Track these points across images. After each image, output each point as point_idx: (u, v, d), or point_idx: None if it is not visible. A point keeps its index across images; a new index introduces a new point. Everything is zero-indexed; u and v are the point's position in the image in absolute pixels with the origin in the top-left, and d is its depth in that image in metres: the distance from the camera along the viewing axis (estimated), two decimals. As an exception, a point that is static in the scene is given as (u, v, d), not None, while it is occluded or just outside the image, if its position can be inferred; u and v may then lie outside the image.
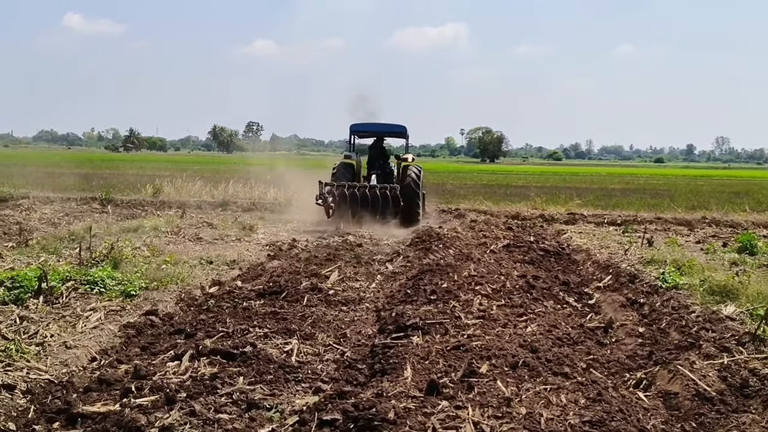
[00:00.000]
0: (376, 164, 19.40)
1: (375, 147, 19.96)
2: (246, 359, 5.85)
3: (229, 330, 6.75)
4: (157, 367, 5.67)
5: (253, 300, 8.23)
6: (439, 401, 4.54)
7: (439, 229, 15.31)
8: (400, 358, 5.63)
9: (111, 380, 5.33)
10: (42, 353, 5.94)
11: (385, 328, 7.01)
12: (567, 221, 19.89)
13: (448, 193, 28.87)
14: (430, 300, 7.79)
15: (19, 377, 5.33)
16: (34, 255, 10.62)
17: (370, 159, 19.67)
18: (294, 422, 4.51)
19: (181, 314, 7.65)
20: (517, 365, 5.31)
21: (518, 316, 7.15)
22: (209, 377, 5.37)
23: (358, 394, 4.91)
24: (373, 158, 19.62)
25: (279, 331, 6.79)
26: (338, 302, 8.37)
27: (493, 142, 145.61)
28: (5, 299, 7.52)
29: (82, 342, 6.40)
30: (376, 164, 19.40)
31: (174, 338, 6.62)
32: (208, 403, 4.83)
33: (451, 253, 11.43)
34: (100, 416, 4.55)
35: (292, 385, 5.46)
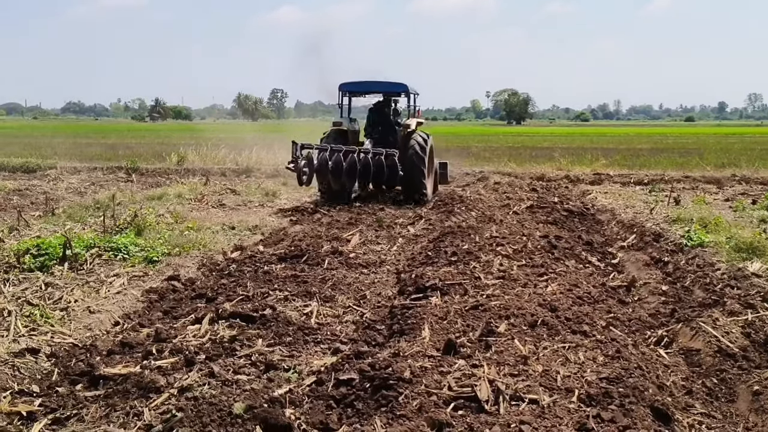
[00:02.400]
0: (375, 130, 16.05)
1: (377, 110, 16.46)
2: (265, 322, 5.89)
3: (250, 294, 6.80)
4: (177, 330, 5.73)
5: (274, 264, 8.27)
6: (455, 360, 4.53)
7: (462, 192, 15.23)
8: (418, 318, 5.62)
9: (133, 343, 5.40)
10: (66, 318, 6.04)
11: (404, 289, 7.01)
12: (592, 182, 19.66)
13: (473, 155, 28.66)
14: (451, 261, 7.76)
15: (44, 341, 5.42)
16: (60, 223, 10.76)
17: (367, 125, 16.38)
18: (311, 382, 4.54)
19: (202, 279, 7.72)
20: (535, 324, 5.27)
21: (539, 276, 7.09)
22: (228, 340, 5.42)
23: (376, 354, 4.92)
24: (372, 123, 16.27)
25: (299, 294, 6.82)
26: (359, 265, 8.37)
27: (519, 104, 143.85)
28: (31, 266, 7.64)
29: (105, 307, 6.49)
30: (375, 130, 16.05)
31: (195, 302, 6.68)
32: (227, 365, 4.88)
33: (473, 215, 11.37)
34: (121, 378, 4.62)
35: (310, 346, 5.49)
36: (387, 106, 16.48)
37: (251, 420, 3.95)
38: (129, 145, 34.53)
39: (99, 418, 4.07)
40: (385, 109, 16.44)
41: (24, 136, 44.99)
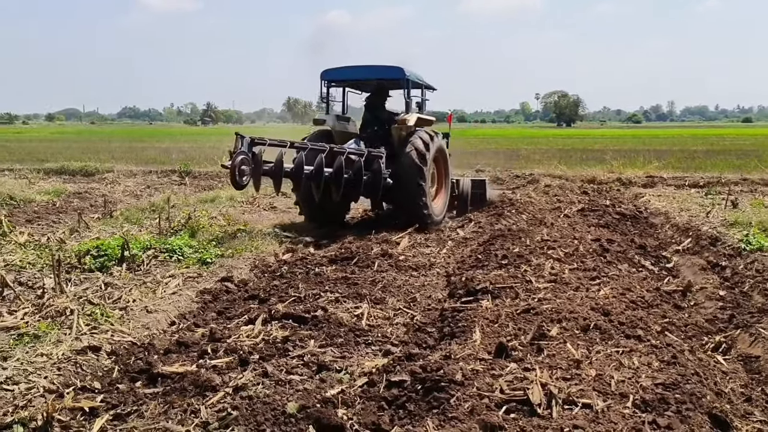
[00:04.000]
0: (366, 131, 12.50)
1: (370, 105, 12.77)
2: (317, 323, 5.96)
3: (301, 295, 6.89)
4: (231, 330, 5.85)
5: (325, 266, 8.36)
6: (507, 363, 4.51)
7: (512, 195, 15.10)
8: (469, 321, 5.61)
9: (188, 343, 5.53)
10: (125, 317, 6.21)
11: (455, 292, 7.01)
12: (645, 184, 19.29)
13: (522, 158, 28.38)
14: (501, 264, 7.72)
15: (104, 339, 5.59)
16: (117, 225, 11.07)
17: (361, 125, 12.92)
18: (363, 383, 4.58)
19: (255, 280, 7.85)
20: (588, 328, 5.21)
21: (591, 279, 7.00)
22: (281, 340, 5.51)
23: (427, 356, 4.94)
24: (365, 123, 12.80)
25: (350, 296, 6.88)
26: (409, 267, 8.40)
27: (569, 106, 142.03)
28: (92, 267, 7.90)
29: (161, 307, 6.65)
30: (366, 131, 12.50)
31: (248, 303, 6.80)
32: (280, 365, 4.96)
33: (523, 218, 11.28)
34: (178, 376, 4.73)
35: (362, 347, 5.53)
36: (383, 99, 12.90)
37: (304, 419, 4.01)
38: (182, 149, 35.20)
39: (158, 415, 4.18)
40: (380, 103, 12.82)
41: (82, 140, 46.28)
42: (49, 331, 5.58)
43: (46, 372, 4.80)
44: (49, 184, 18.29)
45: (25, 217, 11.92)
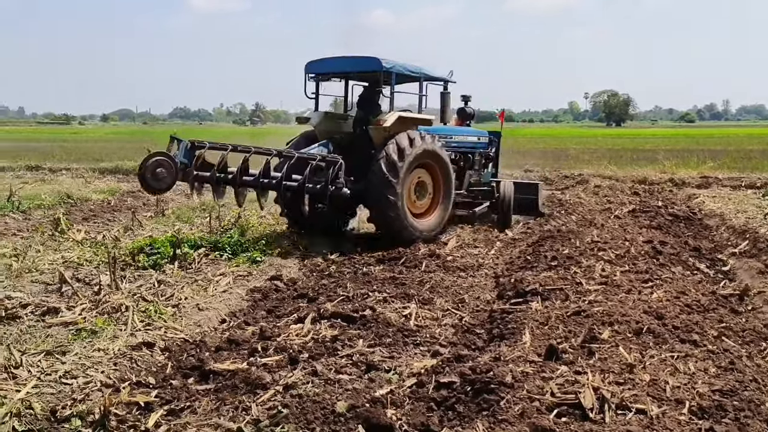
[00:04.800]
0: (358, 130, 10.78)
1: (361, 101, 11.11)
2: (365, 322, 5.99)
3: (350, 294, 6.92)
4: (281, 329, 5.91)
5: (372, 266, 8.40)
6: (558, 366, 4.46)
7: (561, 195, 14.93)
8: (518, 323, 5.57)
9: (239, 340, 5.61)
10: (177, 314, 6.34)
11: (503, 293, 6.96)
12: (699, 185, 18.82)
13: (571, 158, 28.00)
14: (551, 266, 7.64)
15: (158, 336, 5.71)
16: (169, 224, 11.30)
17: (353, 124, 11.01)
18: (412, 384, 4.57)
19: (303, 279, 7.92)
20: (641, 332, 5.11)
21: (643, 282, 6.86)
22: (330, 339, 5.54)
23: (476, 357, 4.91)
24: (356, 121, 10.93)
25: (398, 296, 6.89)
26: (456, 268, 8.37)
27: (619, 105, 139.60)
28: (145, 264, 8.08)
29: (212, 304, 6.77)
30: (358, 130, 10.78)
31: (297, 302, 6.86)
32: (329, 364, 4.99)
33: (573, 219, 11.13)
34: (229, 373, 4.80)
35: (410, 348, 5.53)
36: (375, 94, 10.97)
37: (353, 419, 4.03)
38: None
39: (210, 411, 4.25)
40: (372, 98, 10.96)
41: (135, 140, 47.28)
42: (106, 326, 5.74)
43: (103, 367, 4.92)
44: (104, 183, 18.79)
45: (82, 216, 12.24)
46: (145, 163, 8.22)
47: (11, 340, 5.38)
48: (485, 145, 12.98)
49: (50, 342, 5.41)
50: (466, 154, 12.36)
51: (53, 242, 9.65)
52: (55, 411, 4.19)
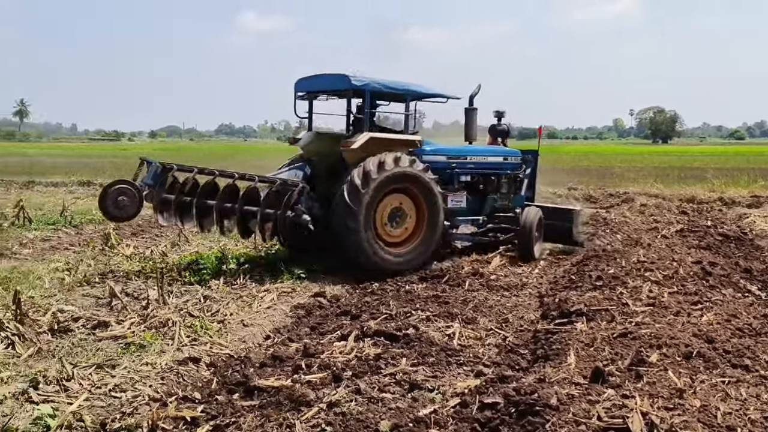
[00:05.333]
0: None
1: (356, 121, 10.38)
2: (408, 341, 5.98)
3: (393, 312, 6.93)
4: (324, 346, 5.94)
5: (415, 284, 8.40)
6: (604, 389, 4.39)
7: (606, 214, 14.73)
8: (563, 344, 5.50)
9: (283, 357, 5.65)
10: (223, 330, 6.44)
11: (548, 313, 6.89)
12: (750, 204, 18.41)
13: (616, 176, 27.64)
14: (596, 286, 7.53)
15: (204, 351, 5.80)
16: (215, 239, 11.45)
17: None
18: (455, 404, 4.54)
19: (347, 296, 7.96)
20: (690, 355, 5.01)
21: (692, 304, 6.72)
22: (373, 357, 5.55)
23: (520, 378, 4.86)
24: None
25: (441, 315, 6.87)
26: (500, 287, 8.32)
27: (666, 122, 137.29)
28: (192, 280, 8.22)
29: (257, 321, 6.85)
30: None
31: (340, 319, 6.90)
32: (372, 382, 5.00)
33: (618, 238, 10.97)
34: (273, 390, 4.84)
35: (453, 367, 5.51)
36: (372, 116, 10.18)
37: (397, 438, 4.02)
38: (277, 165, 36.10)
39: (255, 428, 4.28)
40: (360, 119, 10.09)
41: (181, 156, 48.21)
42: (154, 341, 5.85)
43: (150, 381, 5.02)
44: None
45: (131, 231, 12.51)
46: (106, 192, 8.21)
47: (63, 353, 5.53)
48: (515, 166, 11.71)
49: (100, 355, 5.54)
50: (488, 176, 11.21)
51: (103, 257, 9.89)
52: (104, 424, 4.28)
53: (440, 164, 10.47)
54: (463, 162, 10.95)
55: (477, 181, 11.11)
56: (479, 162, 11.20)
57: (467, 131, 11.22)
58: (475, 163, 11.13)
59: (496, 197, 11.36)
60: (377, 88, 9.69)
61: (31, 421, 4.23)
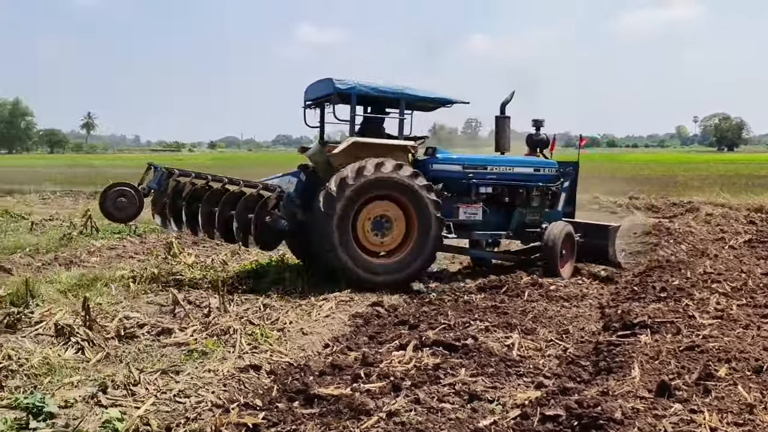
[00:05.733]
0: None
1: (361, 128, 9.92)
2: (467, 351, 5.93)
3: (451, 322, 6.89)
4: (383, 355, 5.94)
5: (473, 294, 8.35)
6: (671, 404, 4.27)
7: (670, 224, 14.37)
8: (626, 356, 5.38)
9: (342, 366, 5.68)
10: (282, 338, 6.52)
11: (609, 325, 6.74)
12: (822, 214, 17.66)
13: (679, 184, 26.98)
14: (660, 298, 7.36)
15: (264, 359, 5.88)
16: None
17: None
18: (516, 416, 4.48)
19: (404, 306, 7.96)
20: (760, 370, 4.83)
21: (762, 316, 6.49)
22: (432, 367, 5.52)
23: (582, 391, 4.77)
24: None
25: (500, 325, 6.80)
26: (560, 298, 8.20)
27: (732, 129, 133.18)
28: (252, 288, 8.35)
29: (316, 329, 6.92)
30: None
31: (398, 329, 6.90)
32: (432, 392, 4.97)
33: (683, 248, 10.72)
34: (333, 398, 4.86)
35: (513, 378, 5.44)
36: (377, 122, 10.05)
37: (457, 449, 3.99)
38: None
39: (315, 435, 4.31)
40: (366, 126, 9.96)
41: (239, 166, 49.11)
42: (215, 348, 5.96)
43: (213, 387, 5.11)
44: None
45: (192, 240, 12.78)
46: (106, 194, 8.59)
47: (130, 359, 5.69)
48: (549, 178, 10.79)
49: (165, 361, 5.68)
50: (515, 189, 10.47)
51: (166, 265, 10.14)
52: (170, 428, 4.38)
53: (455, 174, 10.07)
54: (483, 172, 10.27)
55: (501, 193, 10.39)
56: (503, 173, 10.43)
57: (498, 140, 10.80)
58: (498, 173, 10.38)
59: (524, 211, 10.50)
60: (364, 91, 9.39)
61: (101, 424, 4.35)
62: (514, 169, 10.50)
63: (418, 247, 9.11)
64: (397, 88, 9.55)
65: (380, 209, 9.05)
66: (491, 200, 10.29)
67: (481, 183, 10.17)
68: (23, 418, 4.39)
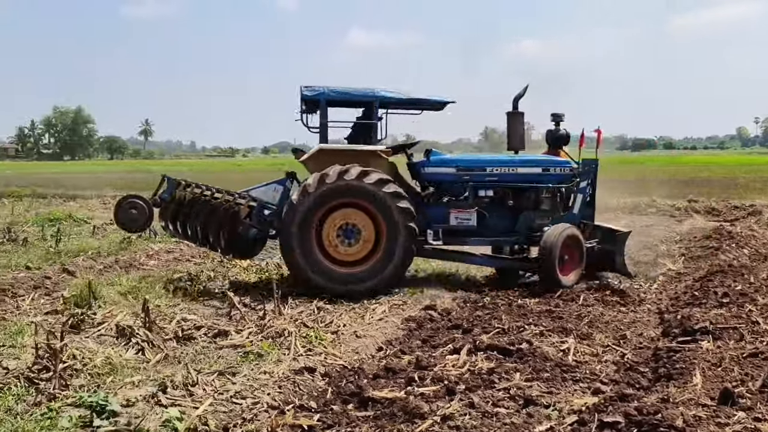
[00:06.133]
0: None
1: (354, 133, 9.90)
2: (522, 356, 5.88)
3: (505, 326, 6.84)
4: (437, 359, 5.93)
5: (527, 298, 8.26)
6: (734, 411, 4.15)
7: (731, 227, 13.97)
8: (687, 363, 5.24)
9: (396, 369, 5.68)
10: (336, 341, 6.57)
11: (669, 331, 6.59)
12: None
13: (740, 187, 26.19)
14: (722, 303, 7.15)
15: (318, 361, 5.93)
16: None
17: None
18: (573, 422, 4.42)
19: (458, 310, 7.92)
20: (831, 378, 4.66)
21: (831, 323, 6.26)
22: (486, 372, 5.48)
23: (641, 398, 4.67)
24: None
25: (555, 330, 6.72)
26: (616, 302, 8.06)
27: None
28: (305, 292, 8.43)
29: (369, 332, 6.94)
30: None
31: (452, 333, 6.87)
32: (486, 397, 4.93)
33: (745, 252, 10.43)
34: (387, 401, 4.87)
35: (569, 384, 5.35)
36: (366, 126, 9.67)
37: (513, 454, 3.95)
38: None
39: (370, 438, 4.33)
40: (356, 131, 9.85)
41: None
42: (271, 350, 6.04)
43: (268, 389, 5.18)
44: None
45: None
46: (120, 205, 9.35)
47: (188, 360, 5.80)
48: (561, 178, 9.84)
49: (222, 363, 5.77)
50: (521, 191, 9.73)
51: (222, 268, 10.32)
52: (227, 429, 4.45)
53: (448, 177, 9.60)
54: (481, 174, 9.65)
55: (504, 196, 9.71)
56: (505, 174, 9.70)
57: (510, 139, 10.06)
58: (500, 175, 9.69)
59: (532, 215, 9.64)
60: (332, 96, 9.24)
61: (161, 423, 4.45)
62: (518, 170, 9.73)
63: (386, 257, 8.72)
64: (368, 91, 9.31)
65: (347, 217, 8.82)
66: (493, 204, 9.68)
67: (479, 186, 9.61)
68: (87, 416, 4.52)
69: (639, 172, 36.59)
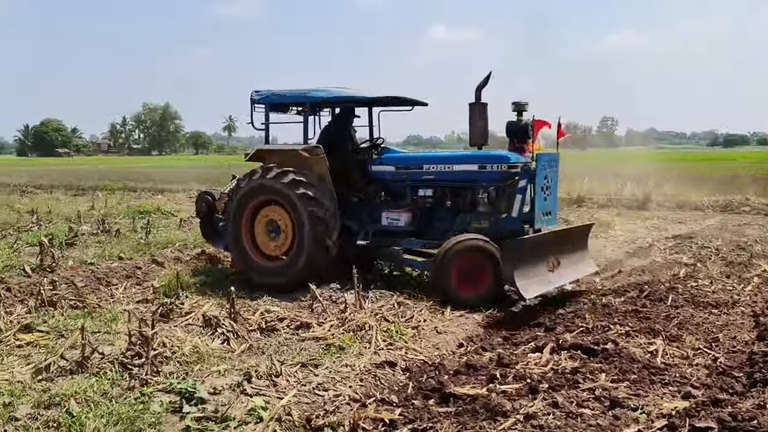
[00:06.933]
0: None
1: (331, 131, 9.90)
2: (607, 356, 5.72)
3: (589, 326, 6.68)
4: (518, 356, 5.85)
5: (612, 297, 8.04)
6: (838, 421, 3.93)
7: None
8: (786, 369, 4.99)
9: (477, 366, 5.64)
10: (417, 336, 6.57)
11: (765, 334, 6.29)
12: None
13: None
14: (823, 306, 6.77)
15: (399, 356, 5.95)
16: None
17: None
18: (662, 426, 4.27)
19: (540, 308, 7.79)
20: None
21: None
22: (570, 371, 5.37)
23: (735, 403, 4.48)
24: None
25: (641, 330, 6.50)
26: (707, 304, 7.72)
27: None
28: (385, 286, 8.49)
29: (450, 328, 6.92)
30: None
31: (534, 330, 6.77)
32: (570, 397, 4.83)
33: None
34: (469, 398, 4.84)
35: (657, 387, 5.17)
36: (343, 123, 9.95)
37: (599, 457, 3.85)
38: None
39: (452, 434, 4.30)
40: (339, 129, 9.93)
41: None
42: (352, 343, 6.09)
43: (350, 382, 5.23)
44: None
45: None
46: (198, 197, 10.72)
47: (272, 351, 5.92)
48: (498, 176, 8.57)
49: (304, 354, 5.87)
50: (457, 190, 8.92)
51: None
52: (310, 419, 4.52)
53: (387, 175, 9.30)
54: (418, 172, 9.10)
55: (442, 196, 9.00)
56: (441, 172, 9.00)
57: (471, 132, 9.09)
58: (436, 173, 9.01)
59: (468, 217, 8.67)
60: (273, 99, 9.41)
61: (246, 412, 4.56)
62: (453, 168, 8.95)
63: (299, 251, 8.72)
64: (300, 92, 9.28)
65: (272, 214, 9.04)
66: (432, 204, 9.05)
67: (416, 185, 9.12)
68: (177, 402, 4.69)
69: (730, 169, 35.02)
